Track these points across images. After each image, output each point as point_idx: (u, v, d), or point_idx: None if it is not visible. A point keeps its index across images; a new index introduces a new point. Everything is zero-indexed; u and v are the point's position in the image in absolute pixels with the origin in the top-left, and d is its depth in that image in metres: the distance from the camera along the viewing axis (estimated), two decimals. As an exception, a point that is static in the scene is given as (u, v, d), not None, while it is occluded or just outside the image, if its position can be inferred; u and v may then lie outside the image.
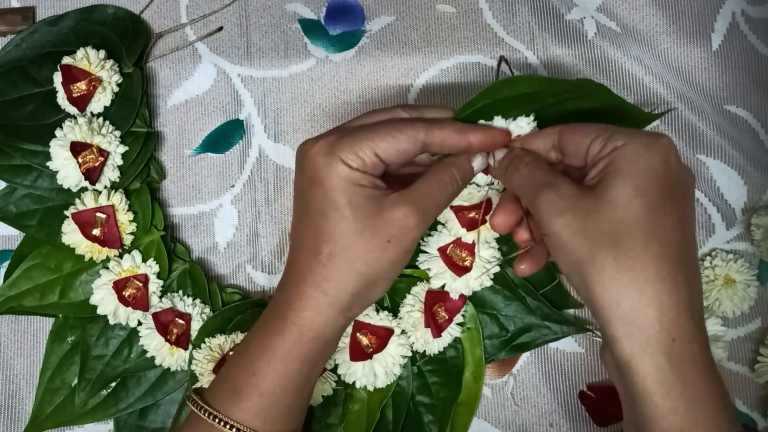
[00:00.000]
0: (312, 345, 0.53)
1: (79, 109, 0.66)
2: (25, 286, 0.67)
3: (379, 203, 0.52)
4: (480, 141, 0.55)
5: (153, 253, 0.67)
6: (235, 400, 0.53)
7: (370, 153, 0.52)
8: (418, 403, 0.65)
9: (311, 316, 0.53)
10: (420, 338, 0.64)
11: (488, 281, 0.64)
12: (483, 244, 0.63)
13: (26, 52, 0.69)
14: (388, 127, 0.53)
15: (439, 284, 0.64)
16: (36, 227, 0.67)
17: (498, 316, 0.66)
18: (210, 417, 0.52)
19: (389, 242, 0.52)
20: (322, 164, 0.52)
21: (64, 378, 0.67)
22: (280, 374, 0.53)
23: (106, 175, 0.66)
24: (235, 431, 0.52)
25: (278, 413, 0.53)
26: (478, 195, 0.62)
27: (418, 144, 0.53)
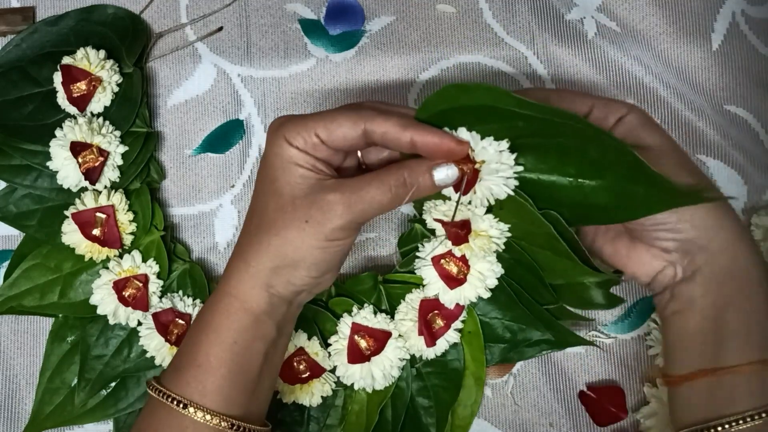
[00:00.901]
0: (240, 317, 0.53)
1: (79, 109, 0.66)
2: (25, 286, 0.66)
3: (311, 185, 0.52)
4: (424, 142, 0.51)
5: (153, 253, 0.67)
6: (176, 374, 0.53)
7: (311, 133, 0.52)
8: (417, 405, 0.65)
9: (235, 285, 0.54)
10: (414, 345, 0.64)
11: (485, 293, 0.61)
12: (477, 257, 0.60)
13: (26, 52, 0.69)
14: (334, 112, 0.53)
15: (433, 293, 0.63)
16: (36, 227, 0.67)
17: (501, 322, 0.65)
18: (154, 391, 0.53)
19: (307, 222, 0.52)
20: (270, 141, 0.54)
21: (63, 378, 0.67)
22: (214, 344, 0.53)
23: (106, 175, 0.66)
24: (175, 402, 0.52)
25: (217, 386, 0.52)
26: (458, 214, 0.57)
27: (357, 130, 0.52)
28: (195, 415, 0.51)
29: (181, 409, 0.51)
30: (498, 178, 0.53)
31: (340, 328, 0.64)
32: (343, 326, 0.64)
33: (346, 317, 0.64)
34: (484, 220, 0.57)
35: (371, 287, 0.66)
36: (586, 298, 0.61)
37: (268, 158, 0.53)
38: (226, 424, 0.52)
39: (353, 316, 0.64)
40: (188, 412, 0.51)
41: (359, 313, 0.64)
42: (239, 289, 0.53)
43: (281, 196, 0.53)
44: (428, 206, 0.59)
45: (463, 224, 0.58)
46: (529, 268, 0.61)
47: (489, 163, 0.53)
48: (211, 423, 0.51)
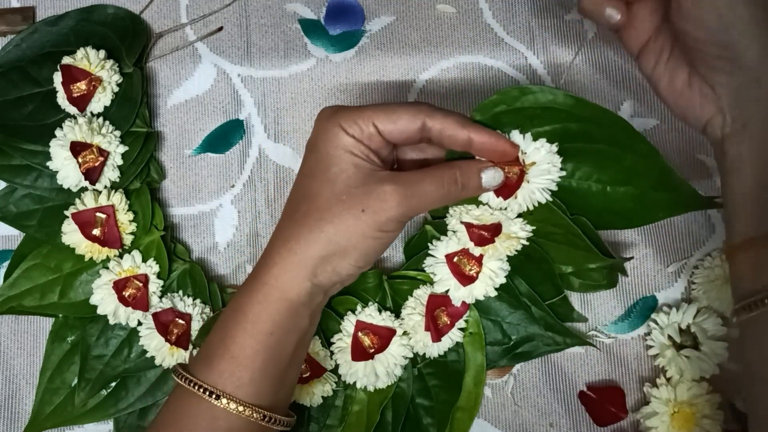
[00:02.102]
0: (279, 307, 0.53)
1: (79, 109, 0.66)
2: (25, 286, 0.66)
3: (366, 174, 0.53)
4: (482, 141, 0.55)
5: (153, 253, 0.67)
6: (209, 364, 0.53)
7: (369, 123, 0.53)
8: (417, 406, 0.65)
9: (277, 275, 0.53)
10: (420, 341, 0.64)
11: (493, 292, 0.63)
12: (488, 257, 0.62)
13: (26, 52, 0.69)
14: (393, 104, 0.54)
15: (443, 290, 0.63)
16: (36, 227, 0.67)
17: (501, 324, 0.65)
18: (185, 381, 0.53)
19: (363, 212, 0.52)
20: (322, 129, 0.55)
21: (64, 378, 0.67)
22: (249, 335, 0.53)
23: (106, 175, 0.66)
24: (208, 393, 0.52)
25: (250, 378, 0.53)
26: (489, 218, 0.60)
27: (416, 123, 0.54)
28: (228, 406, 0.52)
29: (213, 399, 0.52)
30: (545, 180, 0.58)
31: (344, 326, 0.64)
32: (347, 324, 0.64)
33: (350, 315, 0.64)
34: (515, 223, 0.60)
35: (376, 285, 0.66)
36: (588, 280, 0.64)
37: (320, 145, 0.54)
38: (258, 415, 0.52)
39: (357, 314, 0.64)
40: (221, 403, 0.52)
41: (363, 311, 0.64)
42: (281, 279, 0.53)
43: (335, 184, 0.53)
44: (457, 210, 0.61)
45: (495, 228, 0.60)
46: (541, 261, 0.63)
47: (539, 164, 0.58)
48: (244, 414, 0.52)
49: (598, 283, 0.64)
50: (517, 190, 0.59)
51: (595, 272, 0.64)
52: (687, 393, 0.64)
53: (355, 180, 0.53)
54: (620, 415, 0.66)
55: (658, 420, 0.64)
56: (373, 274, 0.66)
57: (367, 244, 0.54)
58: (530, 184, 0.58)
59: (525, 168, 0.58)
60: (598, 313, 0.68)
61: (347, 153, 0.53)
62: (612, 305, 0.68)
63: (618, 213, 0.61)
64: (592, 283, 0.64)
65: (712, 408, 0.64)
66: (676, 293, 0.68)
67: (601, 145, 0.60)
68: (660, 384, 0.65)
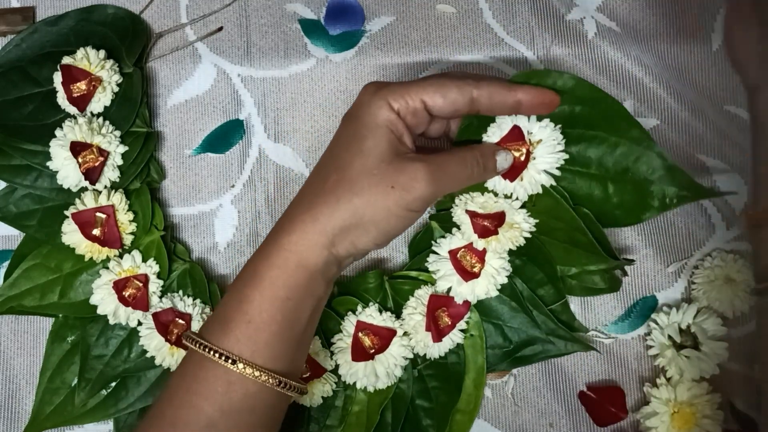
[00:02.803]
0: (296, 273, 0.53)
1: (79, 109, 0.66)
2: (25, 286, 0.66)
3: (398, 152, 0.54)
4: (530, 98, 0.57)
5: (153, 253, 0.67)
6: (225, 329, 0.53)
7: (417, 99, 0.55)
8: (417, 407, 0.65)
9: (296, 240, 0.53)
10: (420, 341, 0.64)
11: (494, 291, 0.63)
12: (494, 253, 0.62)
13: (26, 52, 0.69)
14: (440, 78, 0.56)
15: (445, 286, 0.64)
16: (36, 227, 0.67)
17: (503, 327, 0.65)
18: (200, 347, 0.53)
19: (393, 188, 0.53)
20: (366, 102, 0.55)
21: (64, 378, 0.67)
22: (266, 300, 0.53)
23: (106, 175, 0.66)
24: (224, 358, 0.52)
25: (267, 343, 0.53)
26: (493, 206, 0.62)
27: (466, 95, 0.56)
28: (244, 371, 0.52)
29: (229, 364, 0.52)
30: (551, 158, 0.60)
31: (345, 326, 0.64)
32: (347, 324, 0.64)
33: (351, 315, 0.64)
34: (519, 213, 0.62)
35: (377, 286, 0.66)
36: (589, 284, 0.64)
37: (361, 116, 0.55)
38: (273, 381, 0.53)
39: (358, 314, 0.64)
40: (237, 368, 0.52)
41: (364, 311, 0.64)
42: (300, 245, 0.53)
43: (368, 157, 0.54)
44: (463, 199, 0.62)
45: (498, 216, 0.61)
46: (543, 262, 0.64)
47: (545, 142, 0.60)
48: (260, 379, 0.52)
49: (599, 287, 0.64)
50: (522, 171, 0.61)
51: (596, 275, 0.64)
52: (687, 393, 0.64)
53: (387, 156, 0.54)
54: (620, 415, 0.66)
55: (658, 420, 0.64)
56: (374, 275, 0.66)
57: (390, 221, 0.55)
58: (536, 162, 0.60)
59: (531, 147, 0.60)
60: (598, 313, 0.69)
61: (385, 129, 0.54)
62: (612, 305, 0.68)
63: (619, 206, 0.62)
64: (593, 287, 0.64)
65: (712, 408, 0.64)
66: (676, 293, 0.68)
67: (599, 132, 0.61)
68: (660, 384, 0.65)
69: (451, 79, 0.56)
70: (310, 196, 0.55)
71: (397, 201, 0.54)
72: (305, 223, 0.54)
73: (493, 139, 0.60)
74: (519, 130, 0.60)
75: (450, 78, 0.56)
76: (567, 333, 0.65)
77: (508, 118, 0.60)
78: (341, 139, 0.56)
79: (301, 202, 0.55)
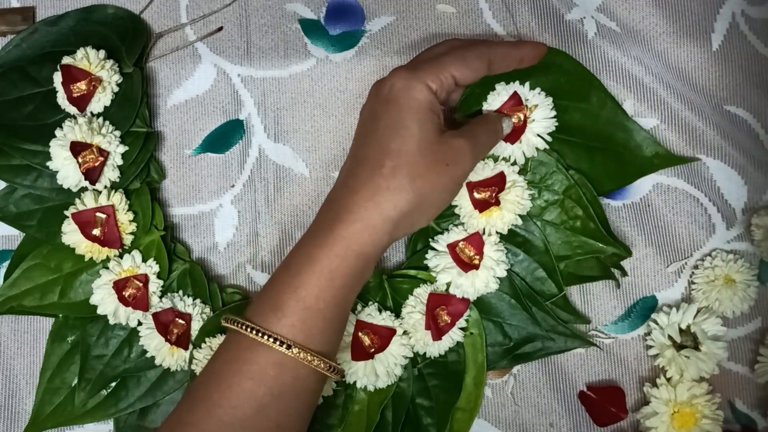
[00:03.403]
0: (357, 261, 0.54)
1: (79, 109, 0.66)
2: (25, 286, 0.67)
3: (440, 131, 0.57)
4: (531, 51, 0.63)
5: (153, 253, 0.67)
6: (278, 314, 0.53)
7: (449, 75, 0.57)
8: (417, 406, 0.65)
9: (360, 229, 0.54)
10: (420, 340, 0.64)
11: (494, 284, 0.64)
12: (488, 245, 0.63)
13: (26, 52, 0.69)
14: (458, 49, 0.60)
15: (445, 280, 0.64)
16: (36, 227, 0.67)
17: (502, 324, 0.66)
18: (252, 332, 0.53)
19: (448, 165, 0.56)
20: (405, 86, 0.56)
21: (64, 378, 0.67)
22: (324, 289, 0.54)
23: (106, 175, 0.66)
24: (279, 343, 0.52)
25: (319, 328, 0.54)
26: (490, 172, 0.64)
27: (485, 61, 0.59)
28: (298, 355, 0.52)
29: (284, 349, 0.52)
30: (546, 121, 0.63)
31: None
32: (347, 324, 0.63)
33: (351, 315, 0.64)
34: (516, 173, 0.64)
35: (376, 285, 0.66)
36: (584, 273, 0.67)
37: (402, 101, 0.56)
38: (324, 365, 0.54)
39: (357, 313, 0.64)
40: (291, 352, 0.52)
41: (363, 310, 0.64)
42: (363, 234, 0.54)
43: (420, 140, 0.55)
44: None
45: (499, 177, 0.64)
46: (542, 253, 0.65)
47: (540, 106, 0.63)
48: (312, 364, 0.53)
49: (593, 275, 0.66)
50: (521, 134, 0.64)
51: (591, 261, 0.66)
52: (687, 393, 0.64)
53: (435, 136, 0.56)
54: (620, 415, 0.66)
55: (658, 420, 0.64)
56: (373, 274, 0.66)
57: (444, 197, 0.58)
58: (533, 126, 0.63)
59: (528, 111, 0.64)
60: (598, 313, 0.69)
61: (428, 110, 0.56)
62: (612, 305, 0.69)
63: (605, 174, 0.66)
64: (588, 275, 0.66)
65: (712, 408, 0.64)
66: (676, 293, 0.68)
67: (584, 105, 0.66)
68: (660, 384, 0.65)
69: (469, 49, 0.60)
70: (366, 185, 0.55)
71: (452, 177, 0.56)
72: (369, 211, 0.54)
73: (494, 106, 0.64)
74: (518, 97, 0.63)
75: (468, 48, 0.60)
76: (567, 329, 0.65)
77: (505, 87, 0.64)
78: (383, 125, 0.56)
79: (358, 189, 0.55)
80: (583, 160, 0.66)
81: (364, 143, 0.57)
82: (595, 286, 0.69)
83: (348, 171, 0.57)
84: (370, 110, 0.58)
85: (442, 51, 0.61)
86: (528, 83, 0.64)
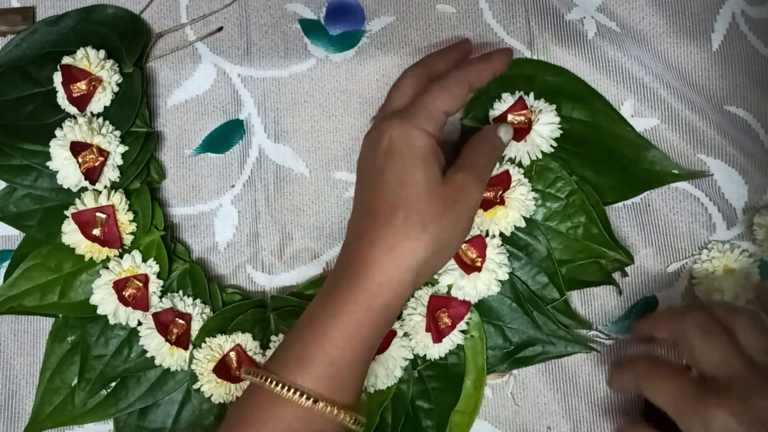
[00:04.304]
0: (382, 314, 0.54)
1: (79, 109, 0.66)
2: (25, 286, 0.66)
3: (440, 169, 0.57)
4: (502, 60, 0.63)
5: (153, 253, 0.67)
6: (303, 368, 0.53)
7: (440, 113, 0.58)
8: (417, 408, 0.66)
9: (383, 283, 0.54)
10: (420, 342, 0.64)
11: (496, 287, 0.64)
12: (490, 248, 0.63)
13: (26, 52, 0.69)
14: (441, 83, 0.59)
15: (447, 282, 0.64)
16: (36, 227, 0.67)
17: (503, 328, 0.66)
18: (275, 384, 0.52)
19: (456, 204, 0.56)
20: (401, 136, 0.56)
21: (64, 378, 0.67)
22: (349, 342, 0.53)
23: (106, 175, 0.66)
24: (305, 397, 0.52)
25: (345, 382, 0.54)
26: (496, 168, 0.64)
27: (466, 84, 0.59)
28: (325, 409, 0.52)
29: (311, 403, 0.52)
30: (550, 125, 0.64)
31: None
32: None
33: None
34: (521, 174, 0.64)
35: None
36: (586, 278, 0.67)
37: (403, 151, 0.56)
38: (351, 418, 0.53)
39: None
40: (317, 407, 0.52)
41: None
42: (387, 288, 0.54)
43: (427, 186, 0.55)
44: None
45: (504, 176, 0.64)
46: (543, 258, 0.65)
47: (544, 112, 0.65)
48: (338, 418, 0.53)
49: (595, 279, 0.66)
50: (527, 133, 0.64)
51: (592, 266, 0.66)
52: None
53: (439, 177, 0.56)
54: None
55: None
56: None
57: (459, 235, 0.58)
58: (538, 128, 0.64)
59: (533, 114, 0.64)
60: (599, 313, 0.69)
61: (430, 155, 0.56)
62: (612, 305, 0.69)
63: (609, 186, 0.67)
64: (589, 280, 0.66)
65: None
66: (676, 293, 0.68)
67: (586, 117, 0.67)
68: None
69: (446, 79, 0.59)
70: (382, 238, 0.55)
71: (463, 214, 0.57)
72: (390, 264, 0.54)
73: (500, 109, 0.65)
74: (523, 101, 0.65)
75: (449, 79, 0.59)
76: (568, 334, 0.65)
77: (510, 95, 0.65)
78: (390, 177, 0.56)
79: (376, 243, 0.55)
80: (588, 170, 0.67)
81: (373, 196, 0.57)
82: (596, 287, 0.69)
83: (360, 224, 0.57)
84: (372, 164, 0.58)
85: (413, 87, 0.60)
86: (532, 93, 0.65)
